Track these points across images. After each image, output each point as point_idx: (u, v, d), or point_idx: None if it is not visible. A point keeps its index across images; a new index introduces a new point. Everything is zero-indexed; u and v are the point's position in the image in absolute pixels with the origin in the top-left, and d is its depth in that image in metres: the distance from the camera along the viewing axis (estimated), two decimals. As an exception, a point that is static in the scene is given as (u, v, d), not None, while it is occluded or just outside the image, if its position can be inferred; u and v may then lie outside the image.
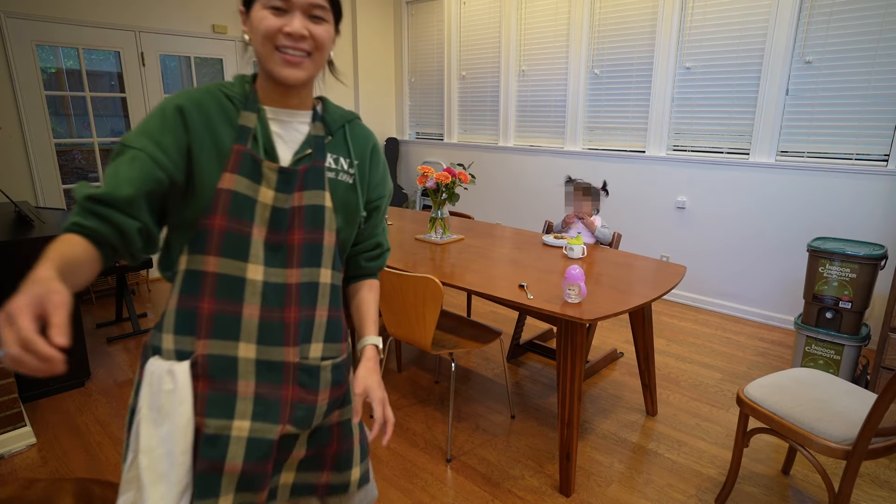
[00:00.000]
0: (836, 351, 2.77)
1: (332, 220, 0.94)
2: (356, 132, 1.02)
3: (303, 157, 0.93)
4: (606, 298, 2.01)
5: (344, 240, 0.99)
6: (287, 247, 0.90)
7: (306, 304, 0.93)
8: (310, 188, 0.91)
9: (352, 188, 0.98)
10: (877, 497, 2.05)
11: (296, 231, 0.90)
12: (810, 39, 3.32)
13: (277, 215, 0.89)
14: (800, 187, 3.47)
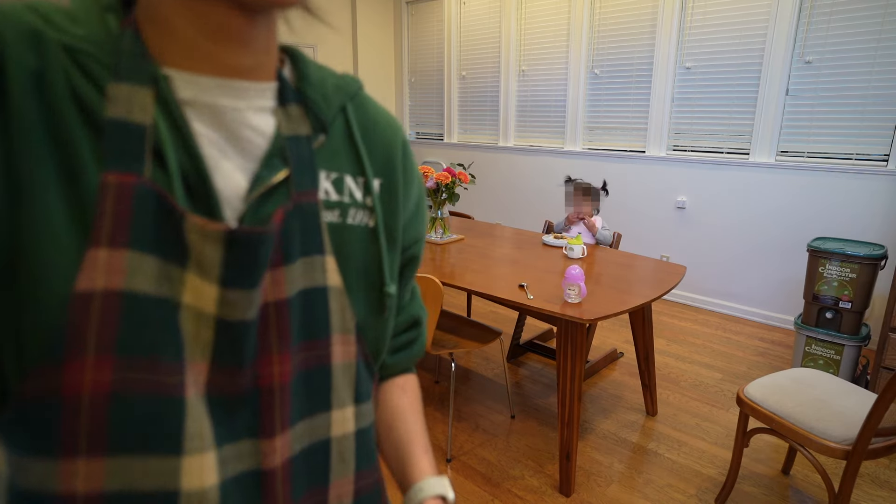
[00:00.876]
0: (836, 351, 2.77)
1: (347, 311, 0.47)
2: (369, 119, 0.52)
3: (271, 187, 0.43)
4: (606, 298, 2.01)
5: (373, 342, 0.51)
6: (260, 395, 0.42)
7: (310, 488, 0.47)
8: (294, 259, 0.43)
9: (372, 238, 0.49)
10: (877, 497, 2.05)
11: (274, 357, 0.42)
12: (810, 39, 3.32)
13: (231, 334, 0.40)
14: (800, 187, 3.47)
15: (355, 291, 0.48)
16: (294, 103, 0.46)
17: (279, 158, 0.43)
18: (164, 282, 0.37)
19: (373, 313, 0.50)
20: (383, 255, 0.50)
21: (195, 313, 0.38)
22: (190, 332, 0.38)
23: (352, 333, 0.48)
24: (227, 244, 0.38)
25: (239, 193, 0.41)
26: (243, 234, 0.39)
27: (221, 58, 0.41)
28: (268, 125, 0.44)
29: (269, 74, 0.45)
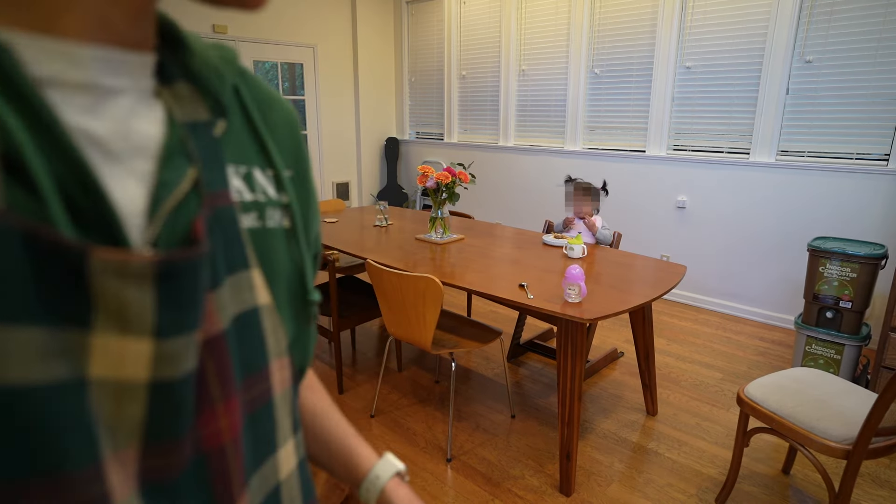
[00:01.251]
0: (836, 350, 2.77)
1: (279, 331, 0.39)
2: (263, 98, 0.43)
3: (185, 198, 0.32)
4: (607, 298, 2.01)
5: (300, 359, 0.44)
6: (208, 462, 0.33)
7: None
8: (222, 279, 0.34)
9: (291, 240, 0.42)
10: (877, 497, 2.05)
11: (219, 409, 0.33)
12: (811, 39, 3.32)
13: (170, 398, 0.29)
14: (800, 187, 3.47)
15: (284, 306, 0.40)
16: (181, 80, 0.35)
17: (181, 154, 0.32)
18: (54, 359, 0.24)
19: (300, 327, 0.43)
20: (305, 260, 0.42)
21: (114, 387, 0.27)
22: (108, 416, 0.27)
23: (286, 355, 0.40)
24: (160, 279, 0.27)
25: (138, 207, 0.29)
26: (181, 262, 0.28)
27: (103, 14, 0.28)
28: (157, 112, 0.32)
29: (150, 42, 0.32)
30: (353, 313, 2.75)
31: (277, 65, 5.23)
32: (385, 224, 3.31)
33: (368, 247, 2.77)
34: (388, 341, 2.63)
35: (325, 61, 5.55)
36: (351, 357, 3.22)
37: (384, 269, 2.22)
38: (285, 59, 5.23)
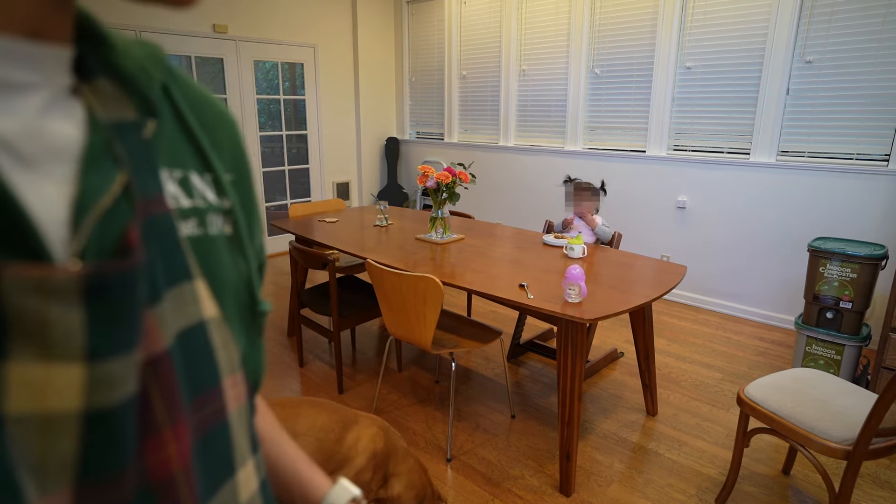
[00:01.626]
0: (836, 351, 2.77)
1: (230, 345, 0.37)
2: (196, 98, 0.40)
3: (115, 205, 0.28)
4: (607, 298, 2.01)
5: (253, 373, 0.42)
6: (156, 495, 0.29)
7: None
8: (162, 293, 0.30)
9: (235, 248, 0.39)
10: (877, 497, 2.05)
11: (166, 434, 0.30)
12: (811, 39, 3.32)
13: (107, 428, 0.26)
14: (800, 187, 3.47)
15: (232, 319, 0.37)
16: (103, 77, 0.31)
17: (107, 157, 0.29)
18: None
19: (250, 340, 0.41)
20: (251, 268, 0.40)
21: (39, 423, 0.24)
22: (33, 457, 0.23)
23: (239, 371, 0.37)
24: (89, 295, 0.25)
25: (59, 216, 0.26)
26: (113, 275, 0.26)
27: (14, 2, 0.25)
28: (75, 111, 0.29)
29: (66, 34, 0.29)
30: (353, 313, 2.75)
31: (278, 64, 5.22)
32: (385, 224, 3.31)
33: (369, 246, 2.77)
34: (388, 341, 2.63)
35: (325, 61, 5.55)
36: (351, 357, 3.22)
37: (384, 268, 2.22)
38: (286, 58, 5.23)
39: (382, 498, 1.56)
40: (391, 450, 1.57)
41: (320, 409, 1.50)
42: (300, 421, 1.44)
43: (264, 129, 5.25)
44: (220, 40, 4.73)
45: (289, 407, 1.47)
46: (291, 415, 1.44)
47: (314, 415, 1.47)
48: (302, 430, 1.44)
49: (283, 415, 1.45)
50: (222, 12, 4.70)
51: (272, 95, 5.26)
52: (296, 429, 1.43)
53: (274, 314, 3.88)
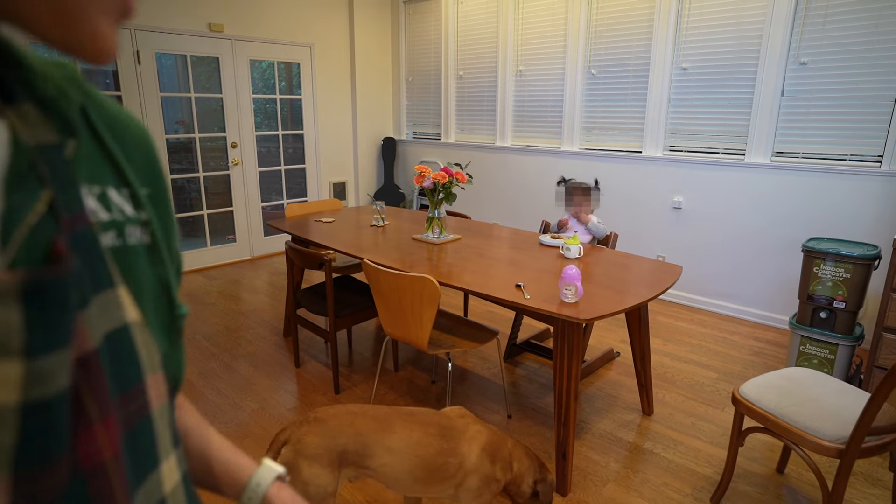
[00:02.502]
0: (830, 350, 2.79)
1: (151, 347, 0.40)
2: (112, 116, 0.42)
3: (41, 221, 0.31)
4: (603, 298, 2.02)
5: (174, 374, 0.45)
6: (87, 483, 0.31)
7: None
8: (89, 299, 0.33)
9: (154, 256, 0.42)
10: (870, 495, 2.06)
11: (97, 427, 0.32)
12: (805, 41, 3.34)
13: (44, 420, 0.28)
14: (795, 188, 3.49)
15: (153, 322, 0.40)
16: (26, 101, 0.33)
17: (31, 177, 0.31)
18: None
19: (170, 341, 0.43)
20: (169, 274, 0.43)
21: None
22: None
23: (160, 370, 0.40)
24: (27, 297, 0.27)
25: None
26: (48, 279, 0.28)
27: None
28: (1, 132, 0.31)
29: None
30: (350, 313, 2.75)
31: (274, 64, 5.22)
32: (382, 224, 3.31)
33: (365, 247, 2.78)
34: (384, 341, 2.63)
35: (322, 61, 5.55)
36: (347, 357, 3.22)
37: (381, 269, 2.23)
38: (282, 58, 5.23)
39: (507, 481, 1.60)
40: (495, 437, 1.60)
41: (411, 422, 1.51)
42: (394, 437, 1.45)
43: (260, 129, 5.24)
44: (215, 39, 4.72)
45: (381, 420, 1.47)
46: (384, 428, 1.45)
47: (407, 431, 1.48)
48: (397, 446, 1.45)
49: (375, 427, 1.45)
50: (218, 11, 4.69)
51: (268, 95, 5.25)
52: (390, 444, 1.44)
53: (270, 315, 3.87)
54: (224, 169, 5.02)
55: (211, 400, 2.73)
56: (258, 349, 3.31)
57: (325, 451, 1.40)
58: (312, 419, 1.45)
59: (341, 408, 1.51)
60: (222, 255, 5.14)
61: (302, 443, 1.39)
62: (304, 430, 1.42)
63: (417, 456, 1.46)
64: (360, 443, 1.43)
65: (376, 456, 1.44)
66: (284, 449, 1.42)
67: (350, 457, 1.42)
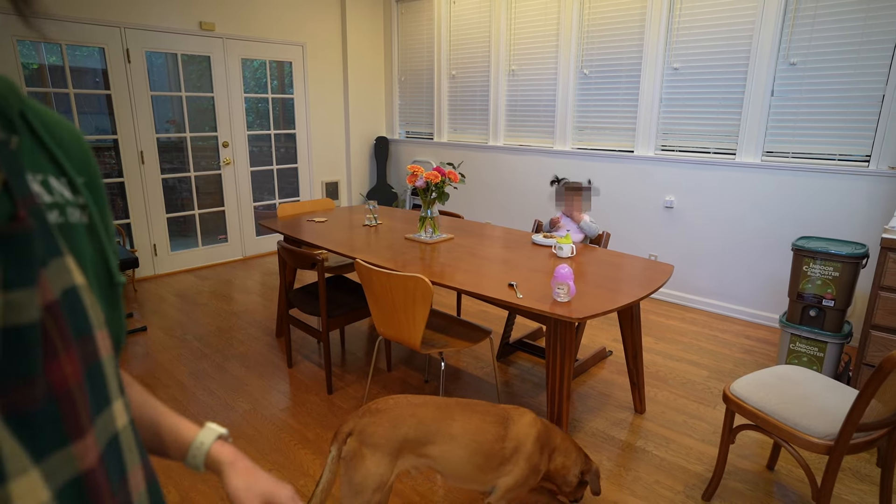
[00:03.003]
0: (819, 348, 2.81)
1: (96, 307, 0.47)
2: (48, 120, 0.50)
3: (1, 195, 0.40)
4: (595, 297, 2.03)
5: (115, 336, 0.53)
6: (58, 401, 0.40)
7: (119, 482, 0.47)
8: (48, 260, 0.42)
9: (92, 234, 0.50)
10: (858, 491, 2.09)
11: (63, 357, 0.41)
12: (795, 42, 3.37)
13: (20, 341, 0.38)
14: (785, 187, 3.52)
15: (95, 288, 0.49)
16: None
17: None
18: None
19: (110, 307, 0.52)
20: (107, 250, 0.51)
21: None
22: None
23: (104, 328, 0.48)
24: (3, 244, 0.37)
25: None
26: (18, 229, 0.38)
27: None
28: None
29: None
30: (342, 313, 2.74)
31: (266, 63, 5.19)
32: (374, 223, 3.31)
33: (358, 246, 2.77)
34: (377, 341, 2.63)
35: (314, 60, 5.53)
36: (340, 357, 3.21)
37: (373, 268, 2.22)
38: (274, 57, 5.20)
39: (549, 471, 1.67)
40: (547, 428, 1.66)
41: (470, 410, 1.57)
42: (454, 425, 1.52)
43: (252, 128, 5.21)
44: (206, 38, 4.69)
45: (443, 408, 1.54)
46: (445, 416, 1.51)
47: (466, 418, 1.54)
48: (458, 433, 1.52)
49: (437, 416, 1.51)
50: (209, 10, 4.66)
51: (260, 94, 5.22)
52: (451, 431, 1.51)
53: (262, 315, 3.86)
54: (216, 168, 4.99)
55: (202, 401, 2.71)
56: (250, 349, 3.30)
57: (387, 440, 1.46)
58: (374, 410, 1.50)
59: (401, 398, 1.56)
60: (214, 255, 5.11)
61: (366, 433, 1.45)
62: (367, 421, 1.47)
63: (476, 442, 1.52)
64: (421, 431, 1.49)
65: (437, 443, 1.50)
66: (349, 439, 1.47)
67: (411, 445, 1.48)
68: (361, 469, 1.45)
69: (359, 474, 1.45)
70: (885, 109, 3.11)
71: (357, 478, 1.44)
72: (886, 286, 2.41)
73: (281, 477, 2.15)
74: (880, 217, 3.19)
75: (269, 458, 2.26)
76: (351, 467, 1.46)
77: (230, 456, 0.67)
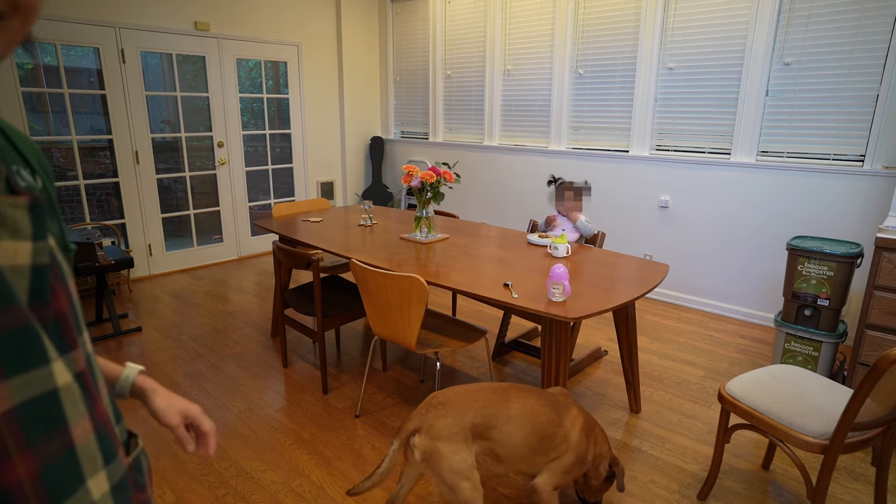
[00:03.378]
0: (814, 347, 2.82)
1: (64, 264, 0.60)
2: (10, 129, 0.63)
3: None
4: (590, 297, 2.02)
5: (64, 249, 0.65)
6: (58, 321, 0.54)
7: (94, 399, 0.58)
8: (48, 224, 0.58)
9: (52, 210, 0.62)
10: (853, 490, 2.09)
11: (60, 292, 0.55)
12: (789, 42, 3.38)
13: (40, 276, 0.52)
14: (779, 187, 3.53)
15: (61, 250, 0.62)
16: None
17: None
18: None
19: (68, 267, 0.65)
20: (62, 223, 0.65)
21: (11, 270, 0.50)
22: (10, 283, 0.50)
23: (72, 279, 0.61)
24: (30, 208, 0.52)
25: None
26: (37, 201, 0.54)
27: None
28: None
29: None
30: (338, 313, 2.74)
31: (261, 63, 5.18)
32: (370, 223, 3.30)
33: (353, 246, 2.76)
34: (372, 341, 2.62)
35: (309, 60, 5.51)
36: (335, 357, 3.20)
37: (369, 268, 2.21)
38: (269, 57, 5.19)
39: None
40: (589, 419, 1.73)
41: (526, 393, 1.65)
42: (511, 406, 1.59)
43: (247, 128, 5.19)
44: (201, 38, 4.67)
45: (499, 392, 1.62)
46: (503, 399, 1.59)
47: (523, 399, 1.61)
48: (515, 414, 1.59)
49: (496, 399, 1.59)
50: (204, 10, 4.64)
51: (255, 94, 5.21)
52: (509, 412, 1.58)
53: (258, 315, 3.84)
54: (211, 168, 4.97)
55: (198, 401, 2.70)
56: (245, 350, 3.28)
57: (458, 429, 1.52)
58: (437, 404, 1.56)
59: (459, 388, 1.62)
60: (209, 255, 5.09)
61: (435, 427, 1.50)
62: (433, 415, 1.52)
63: (532, 423, 1.60)
64: (485, 414, 1.55)
65: (498, 425, 1.57)
66: (417, 437, 1.51)
67: (477, 430, 1.56)
68: (444, 464, 1.50)
69: (444, 468, 1.50)
70: (879, 109, 3.12)
71: (445, 472, 1.50)
72: (881, 285, 2.42)
73: (276, 477, 2.14)
74: (875, 216, 3.21)
75: (265, 459, 2.25)
76: (434, 465, 1.51)
77: (151, 384, 0.84)
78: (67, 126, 4.11)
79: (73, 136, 4.14)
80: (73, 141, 4.15)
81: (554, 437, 1.63)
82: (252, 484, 2.11)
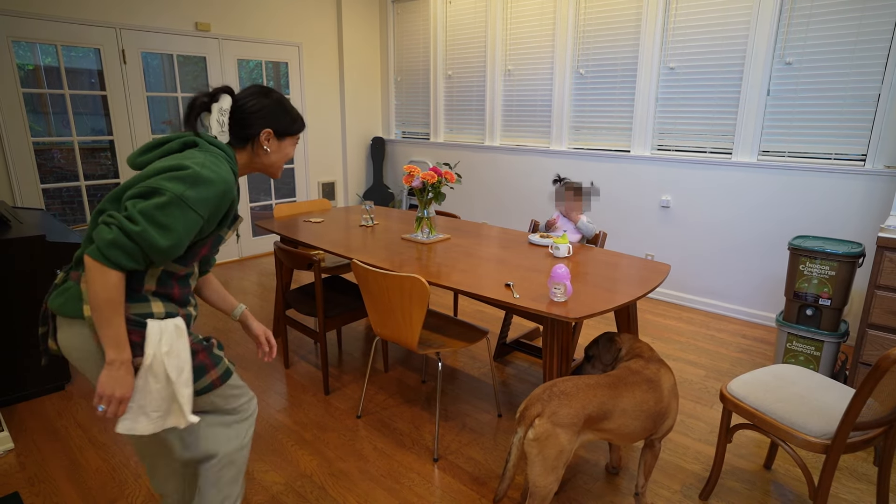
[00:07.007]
0: (816, 347, 2.82)
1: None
2: None
3: None
4: (592, 297, 2.02)
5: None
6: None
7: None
8: None
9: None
10: (855, 490, 2.09)
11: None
12: (790, 41, 3.38)
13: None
14: (781, 186, 3.53)
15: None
16: None
17: None
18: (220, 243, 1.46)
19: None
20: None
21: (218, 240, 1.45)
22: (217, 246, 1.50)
23: None
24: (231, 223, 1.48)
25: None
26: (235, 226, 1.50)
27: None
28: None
29: None
30: (339, 314, 2.74)
31: (262, 63, 5.18)
32: (371, 224, 3.30)
33: (354, 247, 2.76)
34: (374, 341, 2.62)
35: (310, 60, 5.51)
36: (337, 358, 3.20)
37: (370, 269, 2.22)
38: (270, 57, 5.19)
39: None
40: (670, 374, 1.88)
41: (629, 384, 1.76)
42: (623, 401, 1.71)
43: (248, 129, 5.19)
44: (202, 39, 4.68)
45: (611, 387, 1.73)
46: (616, 394, 1.71)
47: (631, 392, 1.74)
48: (628, 408, 1.71)
49: (611, 394, 1.71)
50: (204, 10, 4.64)
51: (256, 94, 5.20)
52: (623, 406, 1.71)
53: (259, 315, 3.84)
54: (211, 169, 4.97)
55: (199, 402, 2.70)
56: (247, 350, 3.28)
57: (576, 419, 1.63)
58: (559, 393, 1.66)
59: (577, 380, 1.72)
60: (210, 256, 5.09)
61: (558, 414, 1.61)
62: (557, 404, 1.63)
63: (643, 411, 1.74)
64: (602, 409, 1.67)
65: (614, 418, 1.70)
66: (538, 421, 1.62)
67: (590, 422, 1.67)
68: (556, 446, 1.61)
69: (554, 451, 1.61)
70: (880, 108, 3.12)
71: (552, 454, 1.61)
72: (883, 285, 2.41)
73: (278, 478, 2.14)
74: (876, 216, 3.20)
75: (267, 459, 2.25)
76: (546, 446, 1.61)
77: (250, 316, 1.64)
78: (68, 127, 4.12)
79: (74, 136, 4.14)
80: (74, 142, 4.15)
81: (661, 413, 1.80)
82: (253, 484, 2.11)
